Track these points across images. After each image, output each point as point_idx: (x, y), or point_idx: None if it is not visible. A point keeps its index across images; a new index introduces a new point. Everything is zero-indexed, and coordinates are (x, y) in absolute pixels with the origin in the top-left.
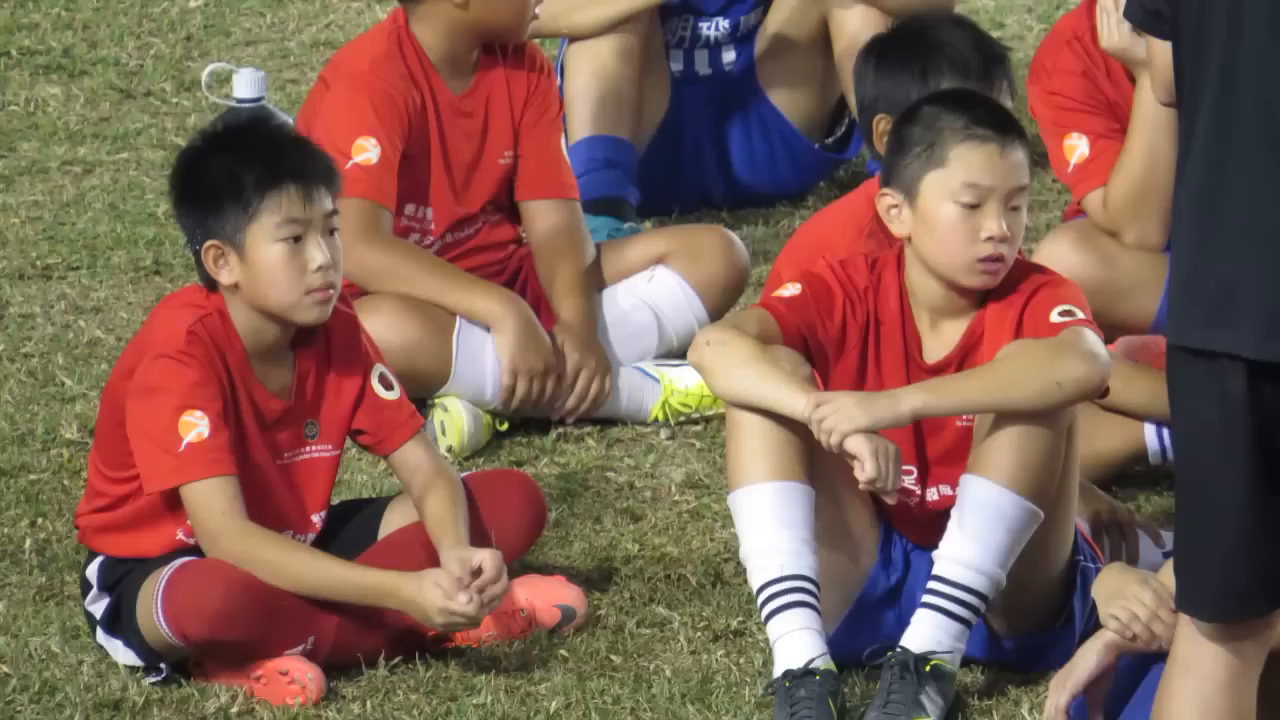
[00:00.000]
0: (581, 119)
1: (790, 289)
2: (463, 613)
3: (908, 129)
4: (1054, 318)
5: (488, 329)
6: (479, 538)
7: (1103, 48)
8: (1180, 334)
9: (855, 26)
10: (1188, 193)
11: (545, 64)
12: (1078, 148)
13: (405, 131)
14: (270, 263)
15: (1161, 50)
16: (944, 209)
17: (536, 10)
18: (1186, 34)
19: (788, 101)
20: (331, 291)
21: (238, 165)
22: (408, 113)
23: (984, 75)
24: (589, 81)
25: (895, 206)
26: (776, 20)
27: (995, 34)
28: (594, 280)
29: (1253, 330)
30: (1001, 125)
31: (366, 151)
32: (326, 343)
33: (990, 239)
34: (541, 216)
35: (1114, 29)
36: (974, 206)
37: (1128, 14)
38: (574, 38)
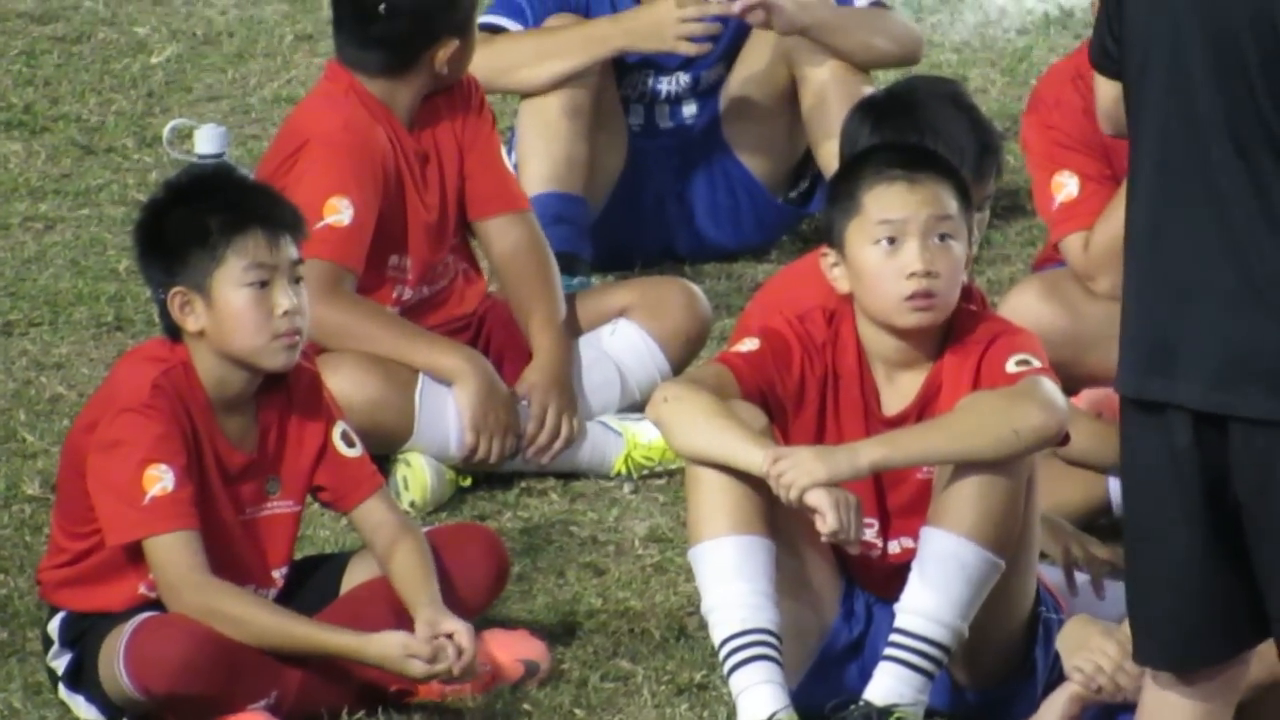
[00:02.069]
0: (532, 177)
1: (748, 344)
2: (436, 673)
3: (833, 187)
4: (1010, 367)
5: (450, 385)
6: (442, 593)
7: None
8: (1127, 386)
9: (823, 81)
10: (1132, 244)
11: (470, 79)
12: (1066, 186)
13: (381, 189)
14: (237, 307)
15: (1105, 87)
16: (867, 253)
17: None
18: (1131, 89)
19: (753, 156)
20: (298, 337)
21: (203, 212)
22: (384, 169)
23: (977, 167)
24: (538, 139)
25: (835, 264)
26: (742, 75)
27: None
28: (564, 307)
29: (1193, 381)
30: (912, 162)
31: (339, 213)
32: (289, 398)
33: (914, 275)
34: (500, 235)
35: None
36: (893, 242)
37: (1090, 51)
38: (523, 94)
